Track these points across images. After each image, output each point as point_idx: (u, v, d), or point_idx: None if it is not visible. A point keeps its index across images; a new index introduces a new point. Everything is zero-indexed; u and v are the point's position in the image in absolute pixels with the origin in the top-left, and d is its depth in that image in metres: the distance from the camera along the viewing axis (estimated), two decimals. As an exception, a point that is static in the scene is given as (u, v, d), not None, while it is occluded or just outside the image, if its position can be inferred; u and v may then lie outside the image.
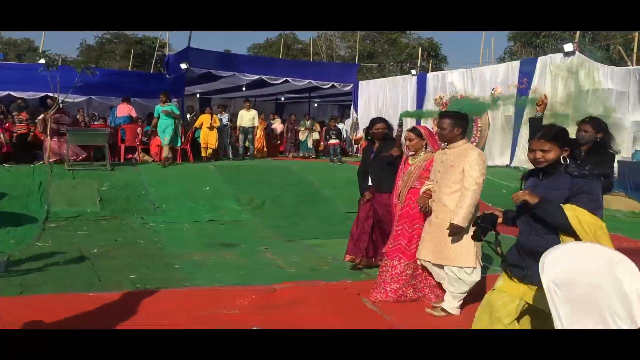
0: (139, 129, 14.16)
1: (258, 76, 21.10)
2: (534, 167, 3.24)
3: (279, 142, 19.78)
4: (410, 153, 5.37)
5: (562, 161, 3.08)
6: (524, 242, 3.15)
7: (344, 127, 20.89)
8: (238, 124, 16.05)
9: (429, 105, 18.99)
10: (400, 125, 6.31)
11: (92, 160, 12.73)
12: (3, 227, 8.08)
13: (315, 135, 18.22)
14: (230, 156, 16.47)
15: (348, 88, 23.05)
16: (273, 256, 7.06)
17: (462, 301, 4.80)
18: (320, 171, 13.40)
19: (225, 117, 16.55)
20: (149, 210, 9.92)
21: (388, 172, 5.83)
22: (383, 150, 5.95)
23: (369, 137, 6.35)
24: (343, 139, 17.67)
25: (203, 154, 15.23)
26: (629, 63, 14.66)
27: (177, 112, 12.08)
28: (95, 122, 14.82)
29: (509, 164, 15.45)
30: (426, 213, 4.94)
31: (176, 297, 5.05)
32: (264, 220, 9.68)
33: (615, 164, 6.01)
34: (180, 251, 7.18)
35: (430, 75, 19.54)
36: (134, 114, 15.00)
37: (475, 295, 4.68)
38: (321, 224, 9.59)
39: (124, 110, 14.63)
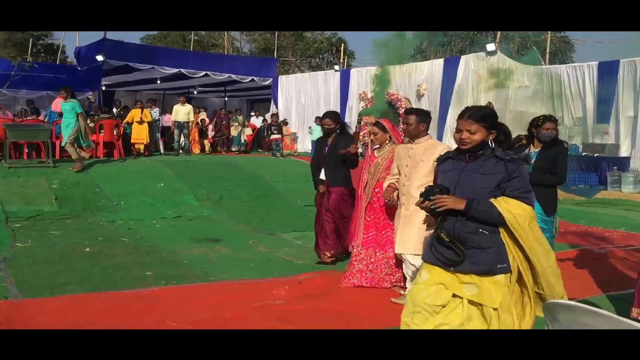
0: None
1: (178, 69, 20.81)
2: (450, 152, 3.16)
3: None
4: (376, 146, 5.54)
5: (489, 144, 2.98)
6: (457, 232, 2.96)
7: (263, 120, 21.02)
8: (173, 118, 15.80)
9: (353, 100, 19.63)
10: (359, 123, 6.66)
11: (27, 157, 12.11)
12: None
13: (248, 131, 18.27)
14: (162, 151, 16.20)
15: (267, 82, 23.23)
16: (267, 249, 7.25)
17: None
18: (267, 166, 13.56)
19: (156, 112, 16.21)
20: (108, 208, 9.68)
21: (342, 167, 6.12)
22: (338, 145, 6.11)
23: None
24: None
25: (135, 149, 14.89)
26: (543, 63, 16.06)
27: (80, 110, 10.87)
28: (29, 117, 13.98)
29: (435, 156, 16.38)
30: (392, 206, 5.07)
31: (217, 290, 5.17)
32: (230, 215, 9.75)
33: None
34: (172, 247, 7.16)
35: (354, 71, 20.16)
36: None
37: None
38: (287, 217, 9.81)
39: (59, 104, 13.92)
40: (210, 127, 18.36)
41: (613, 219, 9.90)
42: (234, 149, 17.86)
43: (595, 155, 12.88)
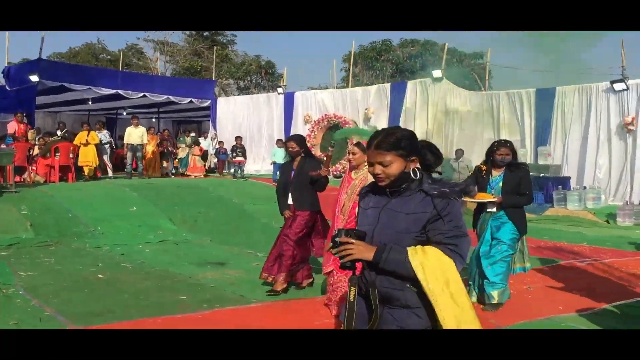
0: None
1: (115, 90, 20.33)
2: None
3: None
4: (353, 167, 5.44)
5: (412, 175, 2.40)
6: (378, 287, 2.40)
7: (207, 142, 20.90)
8: (125, 141, 15.44)
9: (299, 123, 19.95)
10: (332, 146, 6.65)
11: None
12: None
13: (196, 151, 18.10)
14: (110, 175, 15.77)
15: (206, 104, 23.11)
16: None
17: None
18: (231, 188, 13.57)
19: (105, 134, 15.80)
20: (86, 234, 9.39)
21: (309, 190, 6.03)
22: (304, 168, 6.06)
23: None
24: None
25: (83, 172, 14.44)
26: (483, 89, 17.11)
27: None
28: None
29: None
30: None
31: (271, 310, 5.27)
32: (214, 238, 9.72)
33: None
34: (183, 271, 7.11)
35: (298, 94, 20.51)
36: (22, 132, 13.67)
37: None
38: (269, 238, 9.88)
39: (13, 127, 13.30)
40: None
41: (571, 235, 10.72)
42: (181, 171, 17.65)
43: (541, 175, 13.86)
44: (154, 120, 29.13)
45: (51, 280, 6.41)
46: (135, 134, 15.29)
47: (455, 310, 2.28)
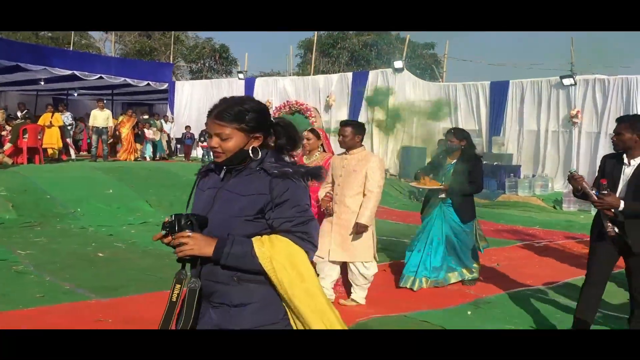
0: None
1: (71, 71, 20.13)
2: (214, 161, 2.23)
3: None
4: (305, 152, 5.60)
5: (251, 153, 2.15)
6: (203, 281, 2.09)
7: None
8: (91, 123, 15.42)
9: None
10: None
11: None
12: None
13: (165, 136, 18.16)
14: (73, 157, 15.75)
15: (164, 87, 23.11)
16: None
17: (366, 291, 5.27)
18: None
19: (68, 116, 15.73)
20: (67, 215, 9.53)
21: None
22: None
23: None
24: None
25: (48, 155, 14.40)
26: (440, 80, 17.89)
27: None
28: None
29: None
30: (328, 214, 5.17)
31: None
32: (193, 220, 10.05)
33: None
34: (176, 251, 7.47)
35: (259, 80, 20.80)
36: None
37: (378, 283, 5.54)
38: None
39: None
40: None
41: (524, 219, 11.62)
42: (158, 156, 17.70)
43: (495, 163, 14.76)
44: (105, 101, 28.76)
45: (54, 258, 6.67)
46: (100, 117, 15.29)
47: (313, 306, 2.05)
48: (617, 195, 3.87)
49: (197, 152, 19.06)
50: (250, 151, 2.14)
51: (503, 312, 5.18)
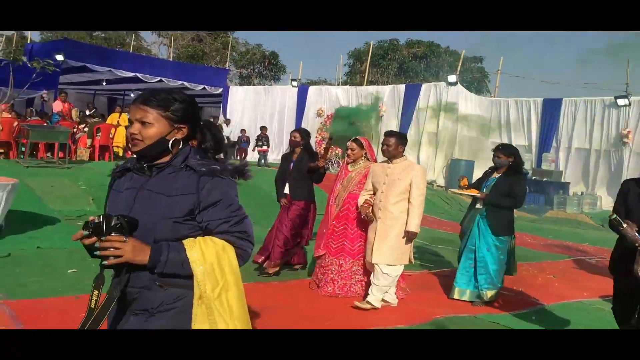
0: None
1: (134, 74, 21.08)
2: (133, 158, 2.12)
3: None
4: (350, 161, 5.90)
5: (170, 146, 2.01)
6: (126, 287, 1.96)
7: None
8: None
9: (310, 115, 20.85)
10: (331, 139, 7.18)
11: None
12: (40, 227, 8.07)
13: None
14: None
15: (218, 92, 23.91)
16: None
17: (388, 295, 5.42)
18: (260, 176, 14.44)
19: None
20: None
21: (306, 181, 6.37)
22: (304, 159, 6.41)
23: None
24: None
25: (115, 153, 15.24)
26: (492, 95, 18.18)
27: None
28: (34, 118, 13.89)
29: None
30: (369, 220, 5.40)
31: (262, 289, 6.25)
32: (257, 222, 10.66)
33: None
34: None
35: (312, 89, 21.40)
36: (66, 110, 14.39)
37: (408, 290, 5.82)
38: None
39: (58, 106, 14.05)
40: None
41: (573, 235, 11.86)
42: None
43: (544, 179, 14.99)
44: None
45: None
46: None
47: (228, 316, 1.95)
48: None
49: (254, 156, 19.66)
50: (170, 143, 2.00)
51: (562, 320, 5.56)
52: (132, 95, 28.82)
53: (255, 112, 22.97)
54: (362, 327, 4.74)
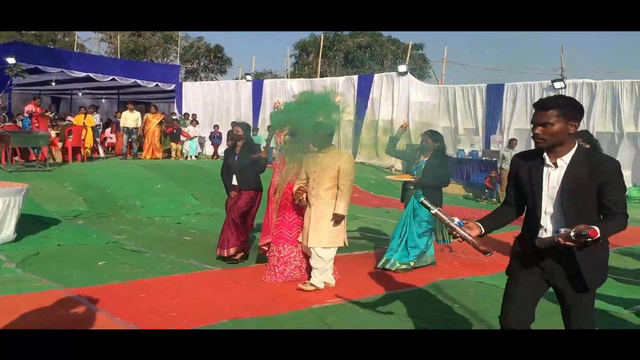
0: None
1: (86, 73, 21.18)
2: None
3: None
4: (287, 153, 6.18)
5: None
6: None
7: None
8: (122, 124, 16.54)
9: (267, 109, 21.47)
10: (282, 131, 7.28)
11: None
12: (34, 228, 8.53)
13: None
14: (102, 155, 16.87)
15: (171, 88, 24.19)
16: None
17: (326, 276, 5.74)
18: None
19: (97, 117, 16.84)
20: (130, 207, 10.75)
21: (252, 172, 6.70)
22: (246, 152, 6.72)
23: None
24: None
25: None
26: (439, 82, 19.38)
27: None
28: (7, 124, 13.93)
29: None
30: (302, 206, 5.74)
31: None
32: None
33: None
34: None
35: (267, 82, 22.04)
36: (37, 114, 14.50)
37: (340, 271, 6.12)
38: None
39: (30, 110, 14.18)
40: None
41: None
42: (194, 156, 18.45)
43: (494, 159, 16.28)
44: (103, 101, 29.70)
45: (151, 241, 7.93)
46: (130, 118, 16.39)
47: None
48: (543, 209, 2.91)
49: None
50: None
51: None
52: (80, 94, 28.72)
53: (210, 107, 23.37)
54: (311, 305, 5.17)
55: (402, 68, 18.15)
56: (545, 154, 2.90)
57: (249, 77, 22.46)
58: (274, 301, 5.28)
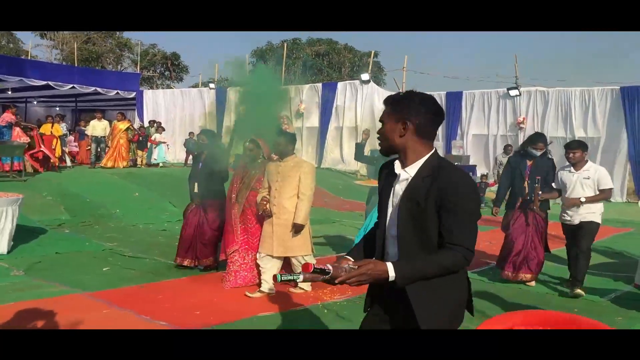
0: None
1: (46, 82, 20.98)
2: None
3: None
4: (248, 160, 6.13)
5: None
6: None
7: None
8: (90, 133, 16.50)
9: (230, 116, 21.70)
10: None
11: None
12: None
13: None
14: (69, 164, 16.80)
15: (132, 95, 24.14)
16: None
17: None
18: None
19: (63, 126, 16.75)
20: (111, 215, 10.87)
21: (216, 180, 6.63)
22: (210, 161, 6.62)
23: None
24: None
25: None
26: (400, 90, 20.06)
27: None
28: None
29: (317, 166, 19.45)
30: (267, 216, 5.73)
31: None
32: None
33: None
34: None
35: (231, 90, 22.23)
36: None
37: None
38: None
39: (6, 119, 13.99)
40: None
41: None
42: (161, 164, 18.37)
43: (456, 164, 16.96)
44: (57, 109, 29.25)
45: (146, 247, 8.16)
46: (99, 127, 16.39)
47: None
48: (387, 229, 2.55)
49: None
50: None
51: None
52: (35, 102, 28.22)
53: (172, 115, 23.44)
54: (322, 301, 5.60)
55: (365, 76, 18.76)
56: (397, 161, 2.40)
57: (212, 85, 22.65)
58: (284, 299, 5.65)
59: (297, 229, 5.63)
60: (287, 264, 5.89)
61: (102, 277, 6.38)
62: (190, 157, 19.78)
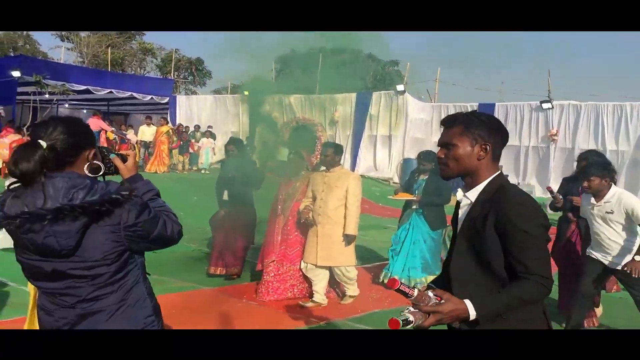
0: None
1: (86, 87, 21.61)
2: None
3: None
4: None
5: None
6: None
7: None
8: (139, 138, 17.13)
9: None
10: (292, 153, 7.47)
11: None
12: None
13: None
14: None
15: (165, 101, 24.77)
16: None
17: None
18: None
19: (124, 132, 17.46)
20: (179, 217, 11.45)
21: (247, 189, 6.67)
22: (238, 169, 6.65)
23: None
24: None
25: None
26: (432, 101, 20.67)
27: None
28: None
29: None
30: (309, 225, 5.76)
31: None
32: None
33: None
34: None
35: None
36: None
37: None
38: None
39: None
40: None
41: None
42: (203, 171, 18.34)
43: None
44: (85, 112, 29.83)
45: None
46: (148, 132, 17.06)
47: None
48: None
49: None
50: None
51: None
52: (66, 105, 28.85)
53: (206, 121, 24.02)
54: (345, 316, 5.68)
55: (400, 87, 19.33)
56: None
57: (246, 92, 23.12)
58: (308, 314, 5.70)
59: (349, 240, 5.68)
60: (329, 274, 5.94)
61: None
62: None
